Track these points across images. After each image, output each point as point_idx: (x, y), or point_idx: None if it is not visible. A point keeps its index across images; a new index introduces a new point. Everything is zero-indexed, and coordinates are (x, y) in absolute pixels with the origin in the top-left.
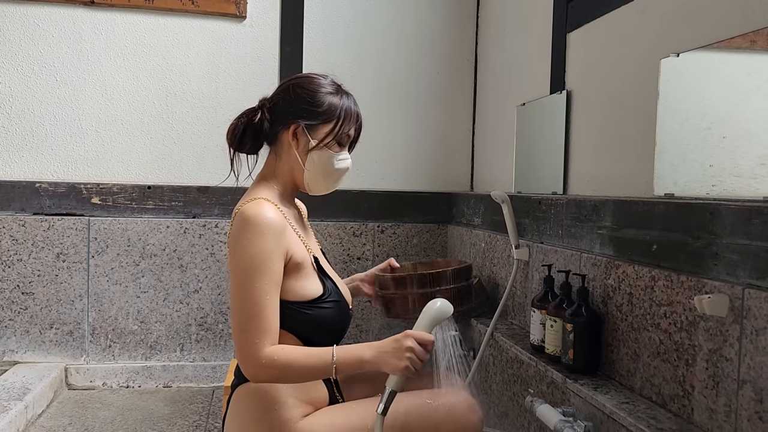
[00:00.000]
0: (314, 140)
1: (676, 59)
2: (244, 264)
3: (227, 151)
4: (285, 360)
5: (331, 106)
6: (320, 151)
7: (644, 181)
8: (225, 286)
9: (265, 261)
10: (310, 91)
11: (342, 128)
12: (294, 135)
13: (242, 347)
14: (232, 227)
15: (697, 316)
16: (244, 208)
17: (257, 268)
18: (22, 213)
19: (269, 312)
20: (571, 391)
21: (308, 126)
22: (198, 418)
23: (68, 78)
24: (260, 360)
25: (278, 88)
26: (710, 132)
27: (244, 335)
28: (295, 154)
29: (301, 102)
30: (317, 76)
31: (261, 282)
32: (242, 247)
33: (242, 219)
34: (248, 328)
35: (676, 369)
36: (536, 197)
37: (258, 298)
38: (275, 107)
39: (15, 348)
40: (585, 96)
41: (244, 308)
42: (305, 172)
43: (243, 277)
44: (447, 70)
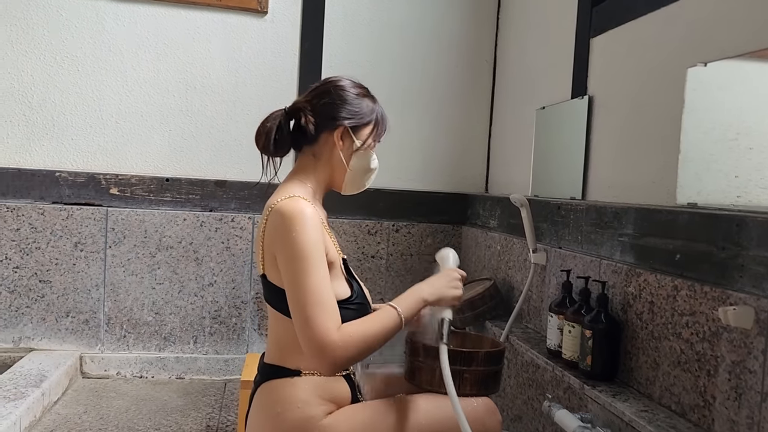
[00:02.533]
0: (359, 141)
1: (703, 68)
2: (297, 255)
3: (245, 148)
4: (359, 334)
5: (372, 109)
6: (363, 152)
7: (666, 189)
8: (239, 280)
9: (316, 250)
10: (352, 94)
11: (380, 129)
12: (340, 137)
13: (313, 338)
14: (268, 224)
15: (721, 327)
16: (282, 205)
17: (310, 258)
18: (41, 201)
19: (329, 297)
20: (588, 398)
21: (354, 128)
22: (211, 410)
23: (90, 69)
24: (336, 344)
25: (314, 91)
26: (736, 143)
27: (312, 325)
28: (338, 155)
29: (345, 104)
30: (349, 79)
31: (316, 270)
32: (292, 240)
33: (282, 214)
34: (314, 316)
35: (697, 379)
36: (555, 202)
37: (317, 285)
38: (319, 109)
39: (31, 335)
40: (607, 102)
41: (306, 298)
42: (348, 172)
43: (298, 269)
44: (465, 71)
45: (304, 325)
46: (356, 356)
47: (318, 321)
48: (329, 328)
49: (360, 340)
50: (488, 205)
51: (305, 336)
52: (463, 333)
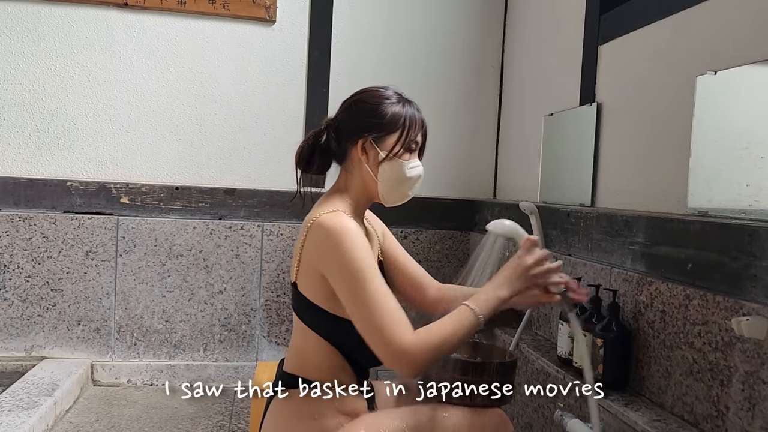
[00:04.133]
0: (383, 151)
1: (712, 77)
2: (350, 270)
3: (254, 156)
4: (435, 336)
5: (395, 115)
6: (391, 162)
7: (676, 197)
8: (249, 287)
9: (369, 260)
10: (371, 104)
11: (408, 135)
12: (363, 149)
13: (389, 347)
14: (308, 237)
15: (734, 337)
16: (324, 219)
17: (366, 268)
18: (53, 211)
19: (394, 304)
20: (600, 407)
21: (375, 138)
22: (221, 418)
23: (100, 79)
24: (414, 347)
25: (341, 107)
26: (747, 152)
27: (384, 335)
28: (366, 168)
29: (365, 116)
30: (377, 89)
31: (374, 278)
32: (343, 254)
33: (326, 229)
34: (384, 326)
35: (710, 389)
36: (565, 209)
37: (379, 293)
38: (340, 125)
39: (43, 343)
40: (616, 109)
41: (371, 311)
42: (379, 184)
43: (355, 283)
44: (472, 77)
45: (376, 337)
46: (435, 357)
47: (389, 330)
48: (402, 333)
49: (437, 342)
50: (497, 211)
51: (380, 347)
52: (474, 343)
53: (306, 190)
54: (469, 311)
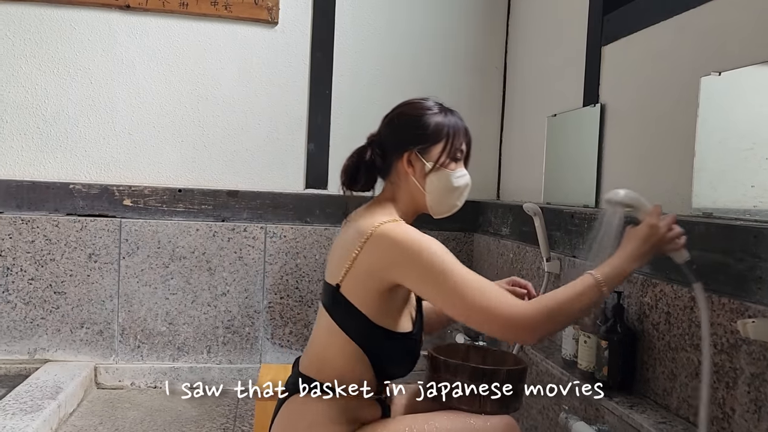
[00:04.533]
0: (429, 163)
1: (717, 78)
2: (433, 268)
3: (257, 158)
4: (553, 300)
5: (439, 126)
6: (437, 173)
7: (681, 198)
8: (252, 289)
9: (447, 254)
10: (414, 115)
11: (453, 144)
12: (409, 162)
13: (500, 318)
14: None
15: (740, 339)
16: (389, 229)
17: (448, 262)
18: (55, 213)
19: (487, 283)
20: (605, 409)
21: (421, 150)
22: (225, 420)
23: (102, 81)
24: (527, 312)
25: (382, 122)
26: (752, 152)
27: (491, 309)
28: (413, 180)
29: (408, 129)
30: (418, 100)
31: (460, 269)
32: (419, 257)
33: (395, 239)
34: (490, 301)
35: (715, 391)
36: (569, 210)
37: (471, 280)
38: (384, 140)
39: (46, 346)
40: (620, 110)
41: (471, 294)
42: (427, 195)
43: (441, 279)
44: (475, 78)
45: (486, 316)
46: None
47: (496, 304)
48: (508, 302)
49: (552, 306)
50: (500, 212)
51: (494, 324)
52: (484, 349)
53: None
54: (592, 280)
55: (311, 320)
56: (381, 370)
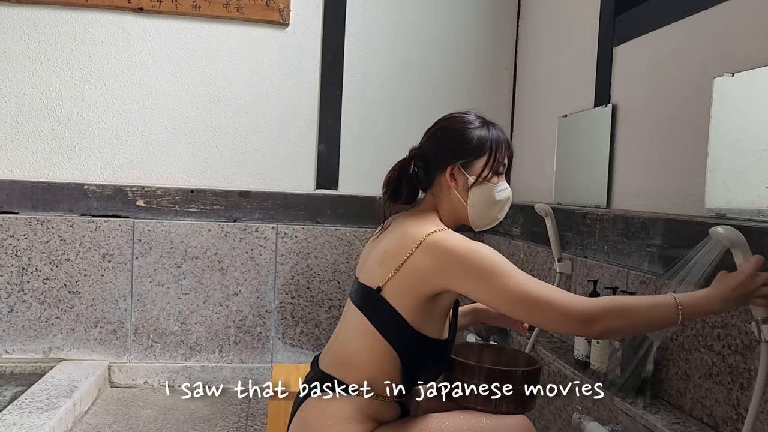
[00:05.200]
0: (472, 177)
1: (730, 79)
2: (489, 272)
3: (268, 159)
4: (624, 303)
5: (481, 140)
6: (480, 186)
7: (693, 199)
8: (264, 289)
9: (499, 258)
10: (457, 130)
11: (496, 158)
12: (452, 176)
13: (563, 313)
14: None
15: (754, 340)
16: (441, 238)
17: (500, 266)
18: (70, 214)
19: (543, 284)
20: (619, 410)
21: (464, 164)
22: (237, 419)
23: (116, 83)
24: (589, 306)
25: (425, 135)
26: (766, 153)
27: (553, 306)
28: (455, 194)
29: (451, 143)
30: (460, 114)
31: (514, 271)
32: (474, 264)
33: (449, 248)
34: (550, 298)
35: (729, 392)
36: (580, 211)
37: (527, 280)
38: (427, 154)
39: (61, 345)
40: (632, 110)
41: (530, 294)
42: (469, 209)
43: (499, 282)
44: (485, 78)
45: (550, 313)
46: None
47: (557, 300)
48: (569, 297)
49: (621, 306)
50: (511, 213)
51: (558, 320)
52: (498, 348)
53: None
54: (672, 299)
55: (322, 320)
56: (411, 374)
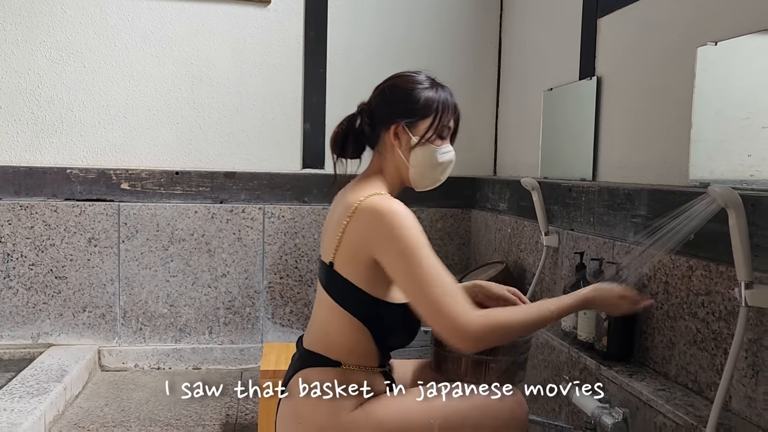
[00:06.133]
0: (416, 137)
1: (713, 47)
2: (407, 249)
3: (253, 139)
4: (503, 319)
5: (428, 101)
6: (423, 147)
7: (678, 169)
8: (252, 270)
9: (423, 239)
10: (405, 89)
11: (441, 121)
12: (395, 134)
13: (449, 323)
14: (354, 221)
15: (737, 306)
16: (373, 202)
17: (420, 248)
18: (54, 199)
19: (450, 281)
20: (605, 378)
21: (408, 124)
22: (230, 399)
23: (96, 65)
24: (475, 325)
25: (374, 92)
26: (749, 122)
27: (445, 310)
28: (398, 152)
29: (398, 101)
30: (411, 74)
31: (430, 257)
32: (398, 236)
33: (378, 211)
34: (443, 303)
35: (713, 357)
36: (566, 184)
37: (438, 271)
38: (373, 110)
39: (49, 330)
40: (616, 82)
41: (429, 288)
42: (410, 168)
43: (412, 262)
44: (470, 53)
45: (436, 314)
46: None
47: (449, 306)
48: (460, 310)
49: (501, 322)
50: (497, 188)
51: (440, 324)
52: None
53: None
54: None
55: (311, 299)
56: (382, 342)
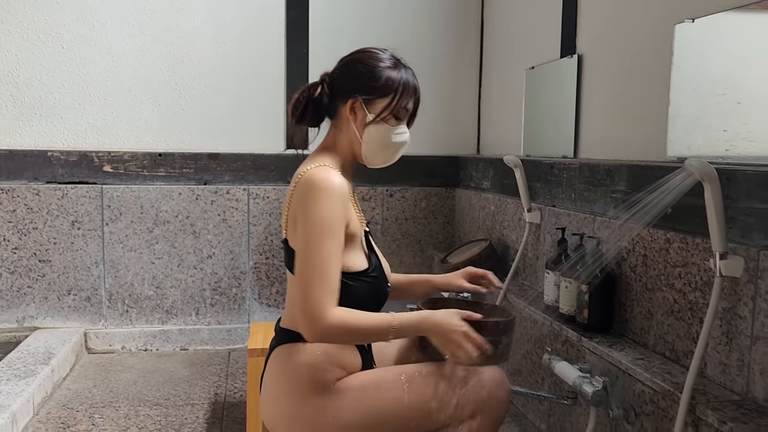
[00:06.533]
0: (371, 114)
1: (690, 24)
2: (312, 225)
3: (236, 120)
4: (352, 323)
5: (389, 80)
6: (377, 125)
7: (657, 145)
8: (238, 251)
9: (332, 224)
10: (368, 65)
11: (399, 102)
12: (352, 109)
13: (308, 308)
14: (295, 191)
15: (712, 276)
16: (311, 173)
17: (325, 230)
18: (35, 182)
19: (334, 273)
20: (586, 349)
21: (366, 100)
22: (217, 379)
23: (74, 45)
24: (327, 320)
25: (338, 63)
26: (724, 98)
27: (311, 297)
28: (353, 127)
29: (360, 77)
30: (376, 50)
31: (329, 243)
32: (310, 209)
33: (309, 182)
34: (315, 288)
35: (689, 327)
36: (548, 161)
37: (326, 259)
38: (334, 82)
39: (34, 314)
40: (597, 60)
41: (312, 269)
42: (363, 145)
43: (311, 239)
44: (452, 33)
45: (303, 292)
46: (337, 340)
47: (318, 294)
48: (324, 302)
49: (348, 330)
50: (481, 166)
51: (302, 303)
52: (475, 303)
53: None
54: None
55: None
56: None
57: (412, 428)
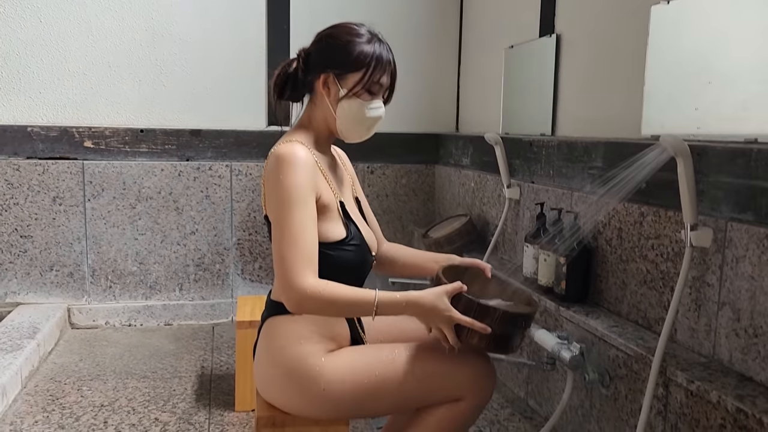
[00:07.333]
0: (344, 89)
1: (666, 6)
2: (281, 197)
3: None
4: (330, 294)
5: (361, 55)
6: (350, 100)
7: (632, 122)
8: (221, 227)
9: (300, 194)
10: (341, 40)
11: (372, 77)
12: (325, 84)
13: (284, 276)
14: (267, 168)
15: (683, 247)
16: (278, 149)
17: (294, 201)
18: (15, 157)
19: (309, 242)
20: (564, 318)
21: (338, 75)
22: (203, 353)
23: (52, 19)
24: (305, 290)
25: (314, 38)
26: (697, 78)
27: (286, 264)
28: (327, 102)
29: (332, 51)
30: (351, 25)
31: (298, 213)
32: (279, 182)
33: (276, 157)
34: (289, 257)
35: (661, 295)
36: (527, 139)
37: (297, 228)
38: (309, 57)
39: (16, 290)
40: (575, 40)
41: (284, 239)
42: (337, 120)
43: (281, 210)
44: (432, 11)
45: (279, 262)
46: (316, 311)
47: (292, 263)
48: (301, 271)
49: (327, 301)
50: (461, 144)
51: (278, 273)
52: (502, 281)
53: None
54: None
55: None
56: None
57: (398, 406)
